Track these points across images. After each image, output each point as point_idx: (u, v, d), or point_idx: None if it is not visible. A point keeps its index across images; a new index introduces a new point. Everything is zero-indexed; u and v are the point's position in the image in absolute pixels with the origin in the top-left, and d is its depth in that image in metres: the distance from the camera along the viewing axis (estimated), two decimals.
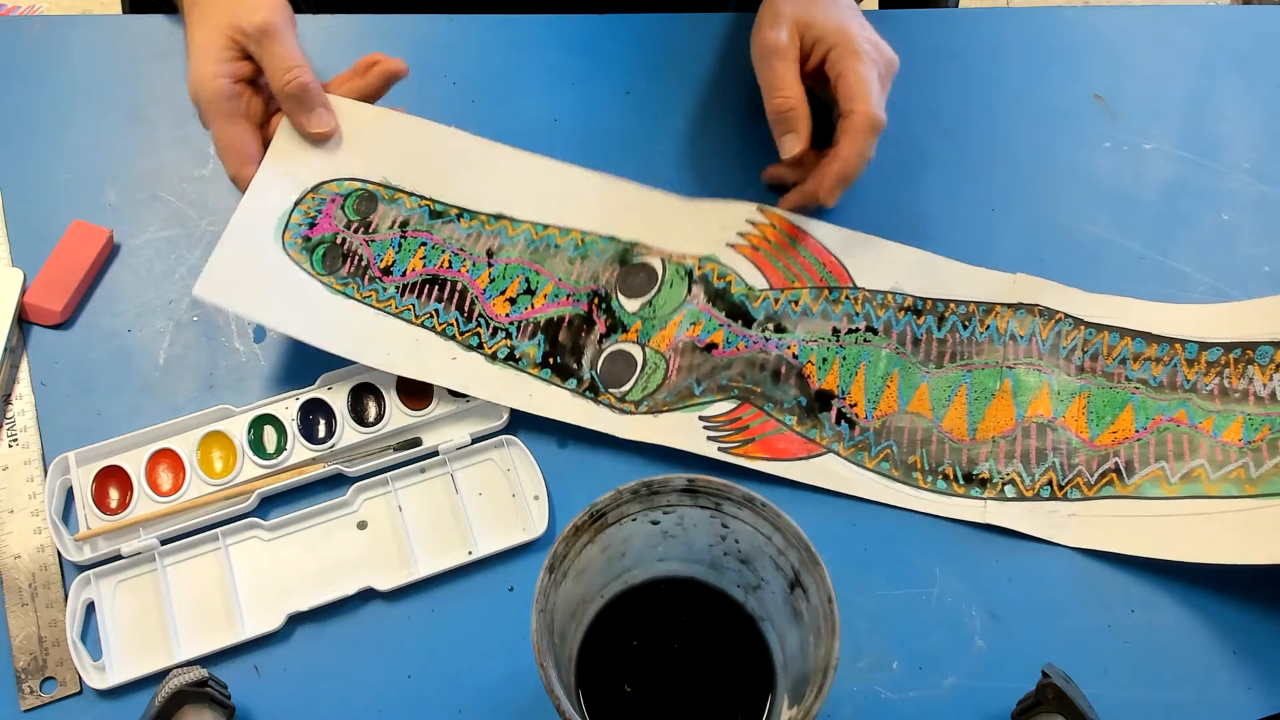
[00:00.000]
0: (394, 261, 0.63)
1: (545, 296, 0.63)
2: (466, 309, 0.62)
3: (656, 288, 0.64)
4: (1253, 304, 0.64)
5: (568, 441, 0.61)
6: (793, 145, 0.63)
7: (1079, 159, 0.71)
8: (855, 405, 0.61)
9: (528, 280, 0.63)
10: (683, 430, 0.60)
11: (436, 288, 0.63)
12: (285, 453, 0.59)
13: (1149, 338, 0.63)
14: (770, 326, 0.63)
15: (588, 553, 0.47)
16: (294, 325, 0.60)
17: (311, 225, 0.63)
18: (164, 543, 0.57)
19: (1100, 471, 0.59)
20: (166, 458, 0.59)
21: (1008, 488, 0.59)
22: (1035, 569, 0.58)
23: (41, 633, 0.55)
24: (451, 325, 0.62)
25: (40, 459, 0.60)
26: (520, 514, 0.58)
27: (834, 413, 0.61)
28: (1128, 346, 0.63)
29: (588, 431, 0.60)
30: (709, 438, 0.60)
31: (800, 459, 0.60)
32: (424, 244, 0.64)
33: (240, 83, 0.62)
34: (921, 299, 0.64)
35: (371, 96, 0.66)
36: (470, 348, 0.61)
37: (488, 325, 0.62)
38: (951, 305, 0.64)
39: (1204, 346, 0.62)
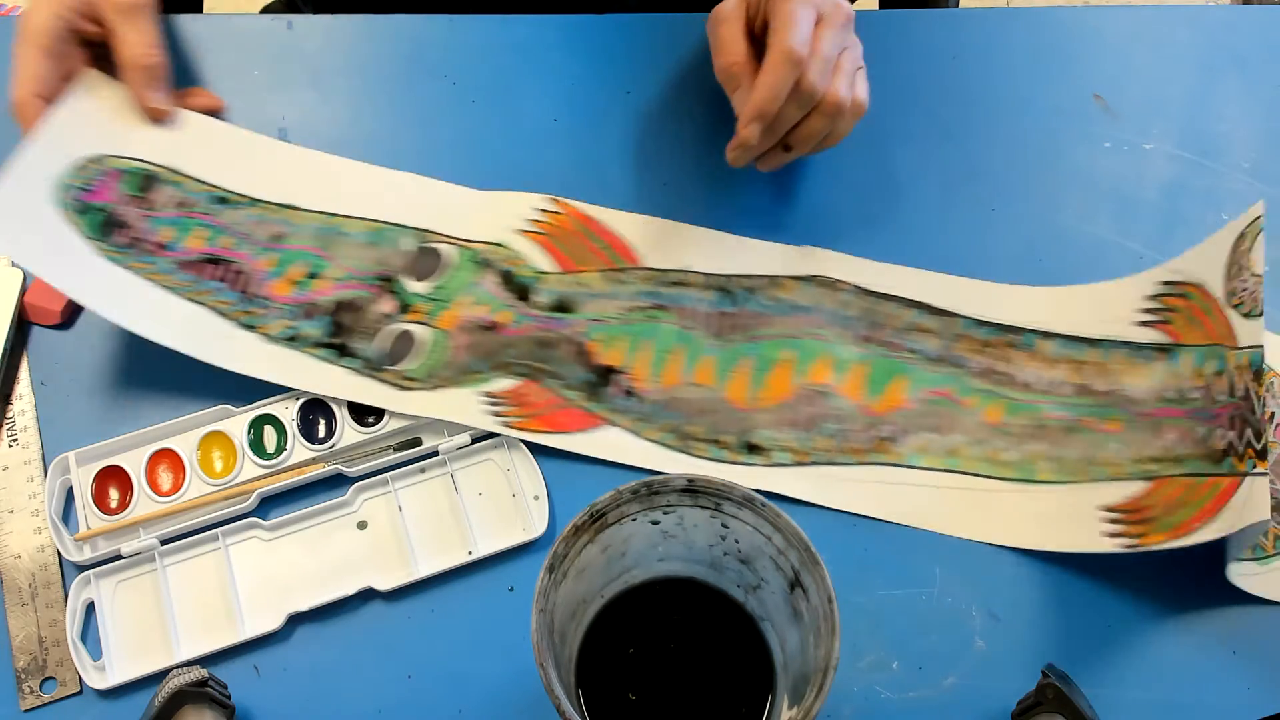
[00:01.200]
0: (173, 238, 0.63)
1: (332, 280, 0.63)
2: (244, 289, 0.62)
3: (445, 270, 0.64)
4: (1030, 290, 0.65)
5: None
6: (742, 100, 0.61)
7: (1079, 159, 0.71)
8: (638, 379, 0.62)
9: (313, 265, 0.63)
10: (460, 404, 0.60)
11: (213, 266, 0.63)
12: (285, 453, 0.59)
13: (929, 310, 0.64)
14: (558, 307, 0.63)
15: (588, 553, 0.47)
16: (68, 283, 0.59)
17: (88, 191, 0.62)
18: (164, 543, 0.57)
19: (871, 437, 0.60)
20: (166, 458, 0.59)
21: (783, 454, 0.60)
22: (1035, 569, 0.58)
23: (41, 633, 0.55)
24: (228, 305, 0.62)
25: (40, 459, 0.59)
26: (520, 514, 0.58)
27: (616, 387, 0.61)
28: (908, 317, 0.64)
29: None
30: (489, 412, 0.60)
31: (581, 431, 0.60)
32: (205, 225, 0.64)
33: (74, 34, 0.62)
34: (710, 275, 0.65)
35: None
36: (246, 327, 0.61)
37: (267, 306, 0.62)
38: (739, 279, 0.65)
39: (979, 324, 0.63)
